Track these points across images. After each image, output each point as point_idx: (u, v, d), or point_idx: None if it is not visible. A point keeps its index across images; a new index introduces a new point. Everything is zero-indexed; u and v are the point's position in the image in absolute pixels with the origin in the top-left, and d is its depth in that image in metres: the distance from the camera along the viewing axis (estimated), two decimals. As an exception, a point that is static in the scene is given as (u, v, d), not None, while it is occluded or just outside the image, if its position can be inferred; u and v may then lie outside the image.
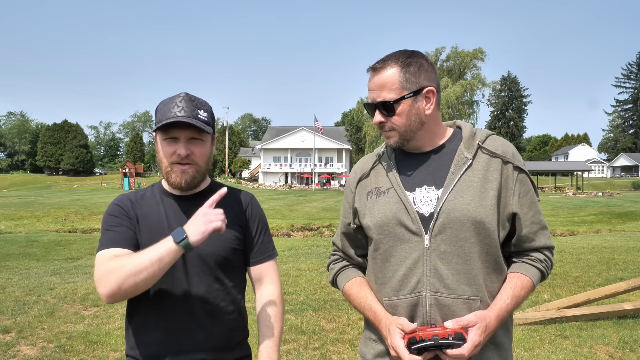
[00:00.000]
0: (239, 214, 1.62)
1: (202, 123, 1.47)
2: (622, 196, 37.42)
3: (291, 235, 19.45)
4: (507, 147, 1.45)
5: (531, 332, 4.50)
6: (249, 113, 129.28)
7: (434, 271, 1.36)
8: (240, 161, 64.88)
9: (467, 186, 1.38)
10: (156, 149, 1.54)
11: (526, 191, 1.43)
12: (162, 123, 1.44)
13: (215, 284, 1.53)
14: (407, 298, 1.39)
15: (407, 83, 1.41)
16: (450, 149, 1.47)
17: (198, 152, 1.50)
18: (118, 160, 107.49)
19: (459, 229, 1.36)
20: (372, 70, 1.45)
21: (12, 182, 67.40)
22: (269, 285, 1.65)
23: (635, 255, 8.38)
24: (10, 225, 19.87)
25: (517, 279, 1.42)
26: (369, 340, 1.53)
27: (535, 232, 1.44)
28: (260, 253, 1.65)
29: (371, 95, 1.45)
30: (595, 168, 75.66)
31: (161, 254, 1.32)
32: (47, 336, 4.49)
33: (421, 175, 1.46)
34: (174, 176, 1.49)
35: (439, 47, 57.74)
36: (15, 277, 7.59)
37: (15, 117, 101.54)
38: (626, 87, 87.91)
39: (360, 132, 61.08)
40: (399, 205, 1.42)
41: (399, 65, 1.41)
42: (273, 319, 1.59)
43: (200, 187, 1.60)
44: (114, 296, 1.34)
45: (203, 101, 1.52)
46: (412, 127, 1.43)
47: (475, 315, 1.31)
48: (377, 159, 1.56)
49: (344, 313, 5.18)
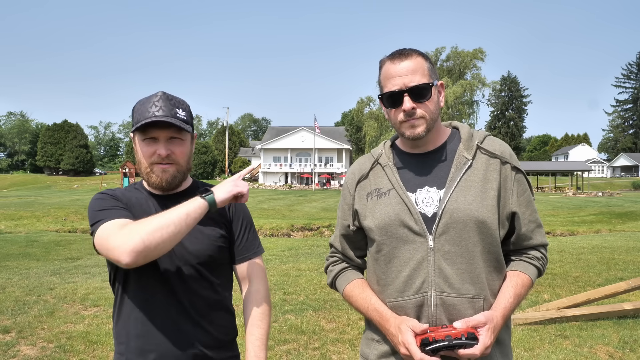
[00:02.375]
0: (222, 212, 1.60)
1: (181, 122, 1.45)
2: (622, 196, 37.41)
3: (291, 235, 19.46)
4: (505, 148, 1.47)
5: (531, 332, 4.50)
6: (249, 113, 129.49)
7: (439, 271, 1.37)
8: (240, 161, 64.87)
9: (469, 186, 1.39)
10: (135, 150, 1.50)
11: (523, 190, 1.46)
12: (141, 123, 1.41)
13: (202, 282, 1.51)
14: (413, 299, 1.39)
15: (431, 73, 1.45)
16: (449, 149, 1.48)
17: (178, 152, 1.48)
18: (118, 160, 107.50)
19: (462, 229, 1.37)
20: (398, 57, 1.43)
21: (12, 182, 67.42)
22: (255, 282, 1.63)
23: (635, 255, 8.38)
24: (10, 225, 19.88)
25: (518, 277, 1.45)
26: (371, 341, 1.53)
27: (532, 231, 1.47)
28: (245, 250, 1.63)
29: (398, 81, 1.40)
30: (595, 168, 75.66)
31: (188, 209, 1.32)
32: (47, 336, 4.49)
33: (422, 175, 1.46)
34: (154, 176, 1.47)
35: (439, 47, 57.76)
36: (15, 277, 7.60)
37: (15, 117, 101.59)
38: (626, 87, 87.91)
39: (360, 132, 61.10)
40: (402, 207, 1.42)
41: (422, 56, 1.45)
42: (260, 317, 1.57)
43: (181, 186, 1.57)
44: (140, 253, 1.25)
45: (181, 100, 1.50)
46: (435, 117, 1.45)
47: (485, 316, 1.32)
48: (375, 160, 1.54)
49: (344, 313, 5.18)
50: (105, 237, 1.32)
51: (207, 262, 1.52)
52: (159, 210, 1.48)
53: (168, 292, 1.48)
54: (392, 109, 1.44)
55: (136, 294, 1.48)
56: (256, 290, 1.61)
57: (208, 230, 1.54)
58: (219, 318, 1.55)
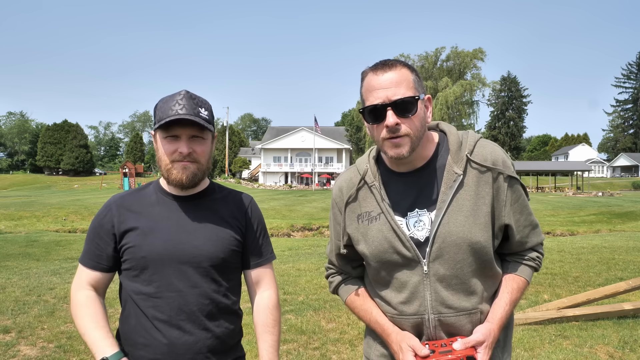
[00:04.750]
0: (238, 216, 1.60)
1: (204, 121, 1.45)
2: (622, 196, 37.41)
3: (291, 235, 19.44)
4: (497, 155, 1.38)
5: (531, 332, 4.50)
6: (249, 113, 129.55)
7: (435, 294, 1.36)
8: (240, 161, 64.83)
9: (460, 206, 1.34)
10: (155, 147, 1.51)
11: (517, 197, 1.40)
12: (164, 121, 1.41)
13: (212, 285, 1.51)
14: (411, 318, 1.40)
15: (418, 85, 1.34)
16: (438, 164, 1.40)
17: (200, 150, 1.48)
18: (118, 160, 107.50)
19: (456, 252, 1.34)
20: (381, 68, 1.33)
21: (12, 182, 67.38)
22: (267, 289, 1.64)
23: (635, 255, 8.38)
24: (10, 225, 19.86)
25: (513, 281, 1.44)
26: (373, 342, 1.54)
27: (527, 235, 1.44)
28: (259, 256, 1.63)
29: (381, 94, 1.30)
30: (595, 168, 75.65)
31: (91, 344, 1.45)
32: (47, 336, 4.48)
33: (411, 197, 1.40)
34: (175, 172, 1.46)
35: (438, 47, 57.89)
36: (15, 277, 7.59)
37: (15, 117, 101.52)
38: (626, 87, 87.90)
39: (360, 132, 61.15)
40: (392, 234, 1.38)
41: (407, 67, 1.34)
42: (272, 324, 1.59)
43: (200, 187, 1.57)
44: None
45: (203, 99, 1.50)
46: (421, 135, 1.35)
47: (483, 334, 1.32)
48: (361, 178, 1.45)
49: (344, 313, 5.17)
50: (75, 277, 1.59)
51: (219, 265, 1.52)
52: (165, 217, 1.51)
53: (178, 295, 1.46)
54: (374, 124, 1.33)
55: (145, 297, 1.47)
56: (268, 296, 1.62)
57: (223, 233, 1.54)
58: (227, 322, 1.55)
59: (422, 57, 57.35)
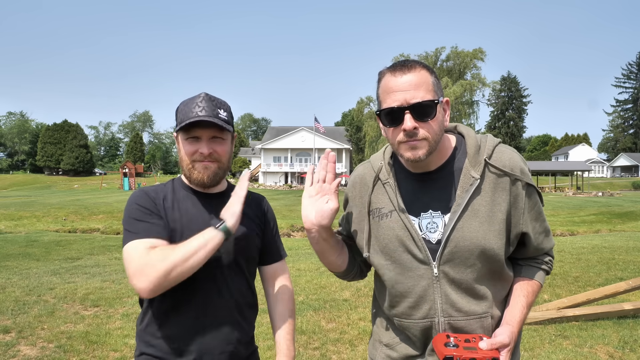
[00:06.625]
0: (259, 214, 1.68)
1: (223, 122, 1.49)
2: (622, 196, 37.40)
3: (291, 235, 19.43)
4: (515, 162, 1.35)
5: (531, 332, 4.50)
6: (249, 113, 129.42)
7: (445, 298, 1.34)
8: (240, 161, 64.80)
9: (475, 211, 1.31)
10: (177, 148, 1.56)
11: (534, 204, 1.38)
12: (185, 123, 1.46)
13: (245, 281, 1.59)
14: (420, 322, 1.38)
15: (437, 88, 1.30)
16: (455, 167, 1.37)
17: (220, 150, 1.52)
18: (118, 160, 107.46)
19: (468, 257, 1.32)
20: (400, 69, 1.28)
21: (12, 182, 67.38)
22: (284, 282, 1.71)
23: (635, 255, 8.38)
24: (10, 225, 19.85)
25: (528, 285, 1.43)
26: (378, 344, 1.53)
27: (542, 241, 1.43)
28: (276, 252, 1.72)
29: (399, 97, 1.26)
30: (595, 168, 75.66)
31: (206, 240, 1.36)
32: (47, 336, 4.48)
33: (425, 198, 1.37)
34: (196, 172, 1.51)
35: (438, 47, 57.81)
36: (15, 277, 7.59)
37: (15, 117, 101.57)
38: (626, 87, 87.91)
39: (360, 132, 61.10)
40: (404, 232, 1.36)
41: (426, 69, 1.30)
42: (289, 314, 1.66)
43: (221, 186, 1.62)
44: (156, 288, 1.32)
45: (222, 101, 1.54)
46: (439, 139, 1.31)
47: (508, 337, 1.31)
48: (375, 175, 1.44)
49: (344, 313, 5.17)
50: (129, 259, 1.36)
51: (249, 262, 1.61)
52: (199, 207, 1.54)
53: (218, 290, 1.51)
54: (390, 127, 1.30)
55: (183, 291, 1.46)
56: (285, 289, 1.70)
57: (250, 230, 1.61)
58: (251, 316, 1.63)
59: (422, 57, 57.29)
